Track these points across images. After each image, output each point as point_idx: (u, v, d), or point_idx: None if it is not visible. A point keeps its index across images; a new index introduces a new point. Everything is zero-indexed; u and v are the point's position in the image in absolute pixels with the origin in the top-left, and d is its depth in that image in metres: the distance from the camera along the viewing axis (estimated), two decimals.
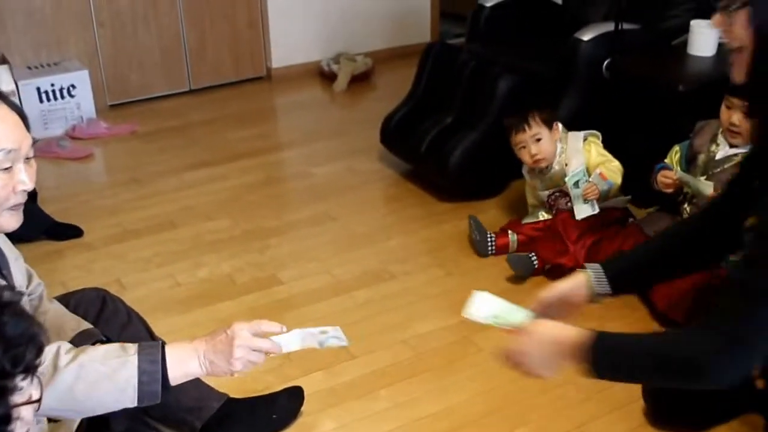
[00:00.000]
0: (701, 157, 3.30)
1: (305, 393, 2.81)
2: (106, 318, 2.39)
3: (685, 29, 4.11)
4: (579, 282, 2.05)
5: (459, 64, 4.43)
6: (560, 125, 3.72)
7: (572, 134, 3.71)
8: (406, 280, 3.64)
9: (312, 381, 2.91)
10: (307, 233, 4.06)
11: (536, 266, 3.57)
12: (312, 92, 6.13)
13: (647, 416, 2.67)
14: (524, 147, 3.69)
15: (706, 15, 3.89)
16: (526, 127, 3.65)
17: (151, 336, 2.48)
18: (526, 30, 4.94)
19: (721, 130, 3.26)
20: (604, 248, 3.49)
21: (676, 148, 3.47)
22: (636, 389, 2.68)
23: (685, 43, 4.11)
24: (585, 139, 3.67)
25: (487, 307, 1.96)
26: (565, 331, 1.79)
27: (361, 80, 6.15)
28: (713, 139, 3.29)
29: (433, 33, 6.77)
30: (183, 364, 1.88)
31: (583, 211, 3.56)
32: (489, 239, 3.75)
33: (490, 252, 3.76)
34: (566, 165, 3.61)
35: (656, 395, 2.58)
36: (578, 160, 3.60)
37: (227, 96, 6.01)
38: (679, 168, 3.38)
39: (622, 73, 4.09)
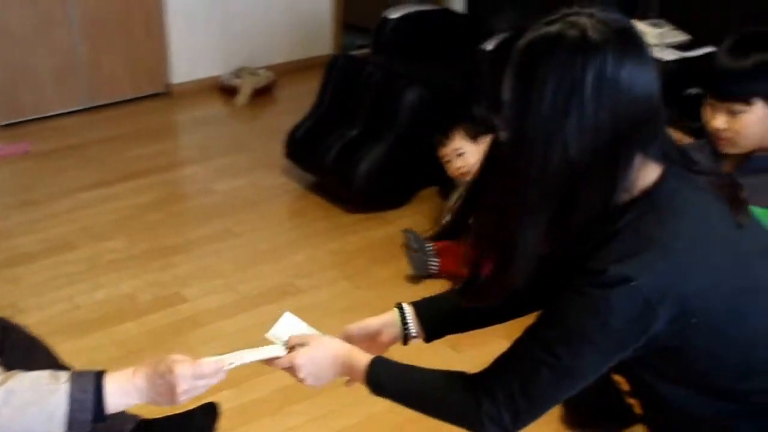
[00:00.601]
0: None
1: None
2: (9, 347, 2.32)
3: None
4: (390, 320, 1.95)
5: (364, 77, 4.40)
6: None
7: None
8: (313, 294, 3.59)
9: (221, 399, 2.80)
10: (210, 250, 3.97)
11: (435, 272, 3.60)
12: (213, 107, 5.99)
13: (564, 421, 2.64)
14: (449, 161, 3.70)
15: None
16: (447, 142, 3.67)
17: (57, 361, 2.41)
18: (432, 41, 4.93)
19: None
20: None
21: None
22: None
23: None
24: None
25: (289, 329, 1.88)
26: (347, 348, 1.80)
27: (263, 94, 6.06)
28: None
29: (335, 45, 6.72)
30: (123, 396, 1.76)
31: None
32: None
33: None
34: None
35: (573, 400, 2.55)
36: None
37: (126, 113, 5.82)
38: None
39: None
